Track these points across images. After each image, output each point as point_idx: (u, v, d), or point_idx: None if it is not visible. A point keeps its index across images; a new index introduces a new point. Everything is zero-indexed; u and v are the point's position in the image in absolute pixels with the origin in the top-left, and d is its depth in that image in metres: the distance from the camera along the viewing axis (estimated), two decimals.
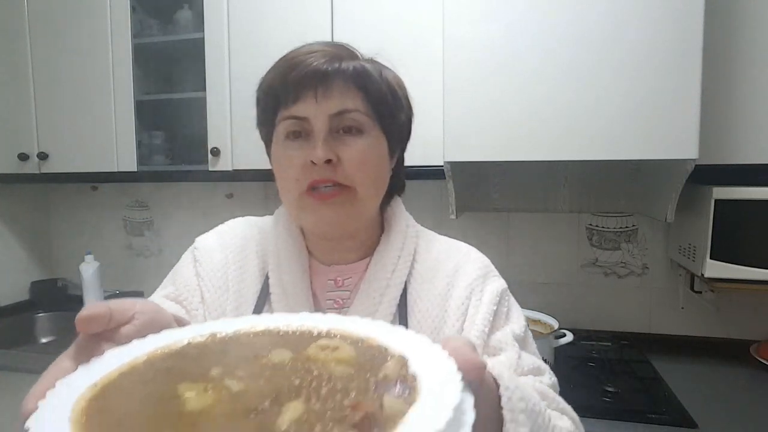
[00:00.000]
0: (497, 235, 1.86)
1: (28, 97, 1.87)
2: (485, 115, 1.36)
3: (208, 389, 0.31)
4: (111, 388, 0.32)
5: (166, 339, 0.37)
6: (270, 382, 0.32)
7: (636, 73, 1.27)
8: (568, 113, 1.31)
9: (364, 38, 1.54)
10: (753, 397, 1.31)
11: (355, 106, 0.62)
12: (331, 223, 0.63)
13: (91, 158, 1.83)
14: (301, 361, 0.35)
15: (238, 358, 0.36)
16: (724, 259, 1.35)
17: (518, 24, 1.33)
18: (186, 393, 0.31)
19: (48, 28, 1.83)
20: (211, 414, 0.29)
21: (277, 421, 0.27)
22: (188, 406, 0.30)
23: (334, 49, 0.64)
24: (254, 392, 0.31)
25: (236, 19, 1.65)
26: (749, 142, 1.35)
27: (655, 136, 1.27)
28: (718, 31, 1.33)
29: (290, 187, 0.62)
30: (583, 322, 1.77)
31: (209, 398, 0.31)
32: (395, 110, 0.68)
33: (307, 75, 0.60)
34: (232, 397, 0.31)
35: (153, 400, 0.31)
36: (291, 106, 0.61)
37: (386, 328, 0.38)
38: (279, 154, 0.64)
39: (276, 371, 0.34)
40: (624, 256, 1.77)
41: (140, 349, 0.35)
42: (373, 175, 0.64)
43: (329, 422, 0.27)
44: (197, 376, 0.33)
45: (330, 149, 0.60)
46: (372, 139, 0.63)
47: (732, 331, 1.66)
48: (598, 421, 1.17)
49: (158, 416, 0.30)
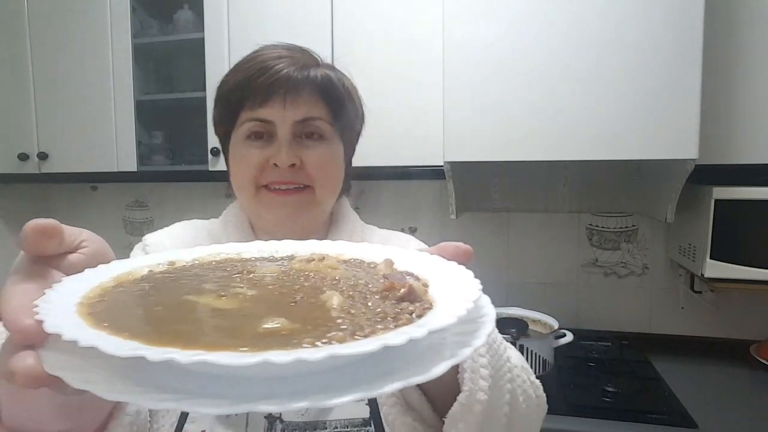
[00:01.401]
0: (497, 235, 1.86)
1: (28, 97, 1.87)
2: (485, 115, 1.36)
3: (221, 296, 0.29)
4: (109, 295, 0.30)
5: (123, 267, 0.34)
6: (282, 286, 0.32)
7: (636, 73, 1.27)
8: (568, 113, 1.31)
9: (364, 38, 1.55)
10: (753, 397, 1.31)
11: (320, 115, 0.65)
12: (289, 220, 0.66)
13: (91, 158, 1.83)
14: (293, 272, 0.34)
15: (222, 277, 0.34)
16: (724, 259, 1.35)
17: (518, 24, 1.33)
18: (201, 299, 0.29)
19: (48, 28, 1.83)
20: (244, 309, 0.28)
21: (327, 303, 0.28)
22: (216, 305, 0.28)
23: (300, 55, 0.67)
24: (273, 294, 0.30)
25: (236, 19, 1.64)
26: (749, 142, 1.35)
27: (655, 136, 1.27)
28: (718, 31, 1.33)
29: (248, 185, 0.65)
30: (583, 322, 1.77)
31: (232, 301, 0.29)
32: (353, 120, 0.71)
33: (278, 81, 0.62)
34: (253, 299, 0.30)
35: (165, 304, 0.29)
36: (257, 109, 0.64)
37: (355, 246, 0.40)
38: (238, 153, 0.67)
39: (276, 280, 0.33)
40: (624, 256, 1.77)
41: (104, 275, 0.32)
42: (332, 179, 0.68)
43: (375, 300, 0.28)
44: (193, 291, 0.31)
45: (294, 154, 0.64)
46: (332, 145, 0.67)
47: (732, 331, 1.66)
48: (598, 421, 1.17)
49: (184, 311, 0.28)
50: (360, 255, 0.39)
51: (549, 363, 1.35)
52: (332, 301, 0.28)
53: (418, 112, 1.53)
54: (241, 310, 0.28)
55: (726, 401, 1.29)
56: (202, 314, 0.28)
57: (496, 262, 1.86)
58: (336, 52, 1.56)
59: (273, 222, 0.68)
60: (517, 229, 1.85)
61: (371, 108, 0.74)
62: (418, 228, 1.92)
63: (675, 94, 1.25)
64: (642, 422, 1.15)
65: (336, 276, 0.34)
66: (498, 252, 1.86)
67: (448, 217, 1.57)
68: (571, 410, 1.21)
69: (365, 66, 1.56)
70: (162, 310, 0.28)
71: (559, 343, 1.39)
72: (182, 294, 0.31)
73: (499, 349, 0.51)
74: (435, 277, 0.32)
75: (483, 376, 0.47)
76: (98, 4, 1.76)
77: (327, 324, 0.25)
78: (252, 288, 0.32)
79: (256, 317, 0.26)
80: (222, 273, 0.36)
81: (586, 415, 1.18)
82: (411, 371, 0.24)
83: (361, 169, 1.57)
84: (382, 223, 0.81)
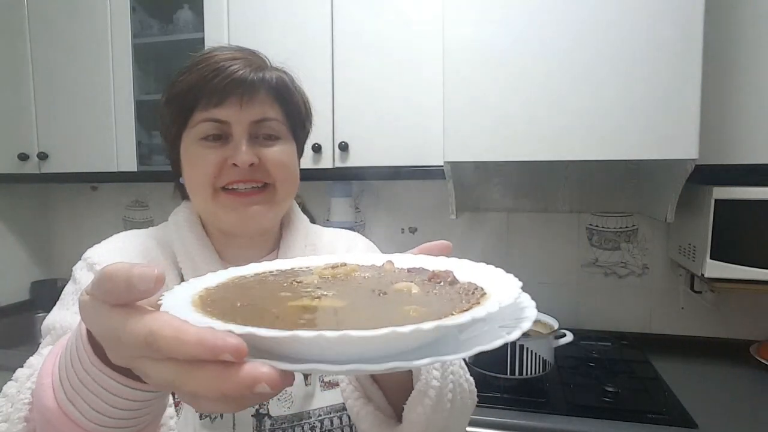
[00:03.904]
0: (497, 235, 1.86)
1: (28, 97, 1.87)
2: (485, 115, 1.36)
3: (315, 298, 0.32)
4: (218, 292, 0.34)
5: (197, 286, 0.36)
6: (349, 287, 0.35)
7: (636, 72, 1.27)
8: (568, 113, 1.31)
9: (364, 38, 1.55)
10: (753, 397, 1.31)
11: (275, 115, 0.67)
12: (251, 219, 0.66)
13: (91, 158, 1.83)
14: (333, 277, 0.38)
15: (282, 287, 0.36)
16: (724, 259, 1.35)
17: (518, 24, 1.33)
18: (300, 302, 0.32)
19: (48, 28, 1.83)
20: (355, 305, 0.31)
21: (410, 291, 0.32)
22: (331, 304, 0.31)
23: (252, 57, 0.67)
24: (354, 292, 0.34)
25: (236, 19, 1.64)
26: (749, 142, 1.35)
27: (655, 136, 1.27)
28: (718, 31, 1.33)
29: (205, 186, 0.65)
30: (583, 322, 1.77)
31: (337, 300, 0.32)
32: (305, 120, 0.74)
33: (234, 82, 0.63)
34: (344, 297, 0.33)
35: (270, 301, 0.32)
36: (212, 109, 0.64)
37: (354, 255, 0.44)
38: (193, 154, 0.66)
39: (333, 284, 0.36)
40: (624, 256, 1.77)
41: (190, 290, 0.34)
42: (291, 176, 0.70)
43: (438, 288, 0.32)
44: (275, 300, 0.33)
45: (253, 153, 0.64)
46: (287, 144, 0.69)
47: (732, 331, 1.66)
48: (598, 421, 1.17)
49: (287, 306, 0.31)
50: (364, 261, 0.42)
51: (549, 363, 1.34)
52: (412, 290, 0.32)
53: (418, 112, 1.53)
54: (355, 306, 0.31)
55: (726, 401, 1.29)
56: (333, 316, 0.31)
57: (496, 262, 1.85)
58: (336, 52, 1.56)
59: (231, 223, 0.67)
60: (517, 229, 1.85)
61: (371, 108, 0.74)
62: (418, 228, 1.91)
63: (675, 94, 1.25)
64: (642, 422, 1.15)
65: (365, 275, 0.37)
66: (498, 252, 1.86)
67: (448, 217, 1.57)
68: (571, 410, 1.21)
69: (365, 66, 1.56)
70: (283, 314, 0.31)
71: (559, 343, 1.39)
72: (271, 301, 0.33)
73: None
74: (471, 274, 0.37)
75: (435, 367, 0.56)
76: (98, 4, 1.76)
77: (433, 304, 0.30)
78: (328, 290, 0.34)
79: (399, 303, 0.31)
80: (273, 286, 0.37)
81: (586, 415, 1.18)
82: (479, 342, 0.28)
83: (361, 169, 1.58)
84: (382, 223, 0.81)
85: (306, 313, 0.30)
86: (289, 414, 0.64)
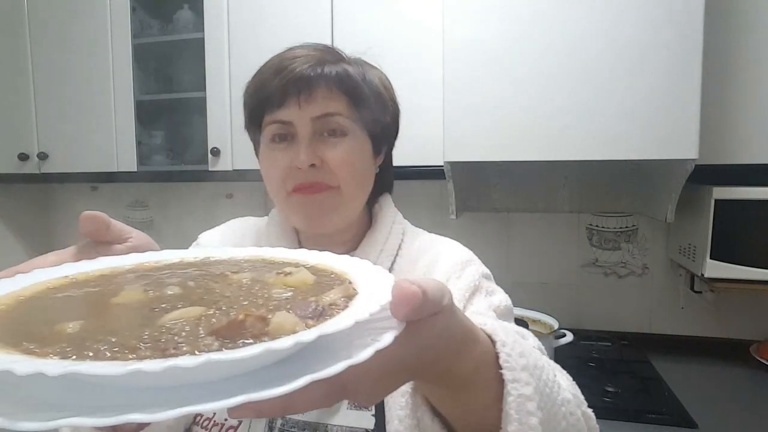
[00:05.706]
0: (497, 235, 1.86)
1: (28, 97, 1.87)
2: (485, 115, 1.36)
3: (148, 290, 0.34)
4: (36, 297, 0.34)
5: (149, 258, 0.40)
6: (199, 291, 0.35)
7: (636, 73, 1.27)
8: (567, 113, 1.31)
9: (364, 38, 1.55)
10: (753, 397, 1.31)
11: (338, 110, 0.64)
12: (317, 218, 0.65)
13: (91, 158, 1.83)
14: (256, 282, 0.37)
15: (205, 274, 0.38)
16: (724, 259, 1.35)
17: (518, 24, 1.33)
18: (123, 291, 0.33)
19: (48, 28, 1.83)
20: (125, 305, 0.32)
21: (163, 317, 0.29)
22: (115, 299, 0.33)
23: (319, 53, 0.65)
24: (178, 296, 0.34)
25: (236, 19, 1.64)
26: (749, 142, 1.35)
27: (655, 136, 1.27)
28: (718, 31, 1.33)
29: (278, 189, 0.65)
30: (583, 322, 1.77)
31: (137, 296, 0.33)
32: (379, 111, 0.69)
33: (291, 80, 0.62)
34: (157, 299, 0.33)
35: (83, 299, 0.34)
36: (276, 111, 0.63)
37: (363, 266, 0.39)
38: (265, 157, 0.66)
39: (225, 286, 0.36)
40: (624, 256, 1.77)
41: (109, 263, 0.38)
42: (358, 175, 0.66)
43: (207, 325, 0.29)
44: (155, 284, 0.35)
45: (313, 153, 0.62)
46: (355, 140, 0.65)
47: (732, 331, 1.66)
48: (598, 421, 1.16)
49: (82, 303, 0.33)
50: (354, 277, 0.37)
51: None
52: (170, 315, 0.30)
53: (418, 112, 1.53)
54: (125, 305, 0.32)
55: (726, 401, 1.29)
56: (97, 306, 0.33)
57: (496, 262, 1.86)
58: None
59: (301, 225, 0.68)
60: (517, 229, 1.85)
61: None
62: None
63: (675, 94, 1.25)
64: (642, 422, 1.16)
65: (271, 294, 0.34)
66: (498, 252, 1.86)
67: (448, 217, 1.57)
68: None
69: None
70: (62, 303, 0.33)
71: (559, 343, 1.39)
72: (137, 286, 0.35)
73: (551, 393, 0.44)
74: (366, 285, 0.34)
75: (532, 415, 0.39)
76: (98, 4, 1.76)
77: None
78: (187, 288, 0.35)
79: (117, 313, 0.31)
80: (215, 271, 0.39)
81: None
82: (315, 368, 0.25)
83: None
84: None
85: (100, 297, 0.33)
86: (303, 420, 0.59)
